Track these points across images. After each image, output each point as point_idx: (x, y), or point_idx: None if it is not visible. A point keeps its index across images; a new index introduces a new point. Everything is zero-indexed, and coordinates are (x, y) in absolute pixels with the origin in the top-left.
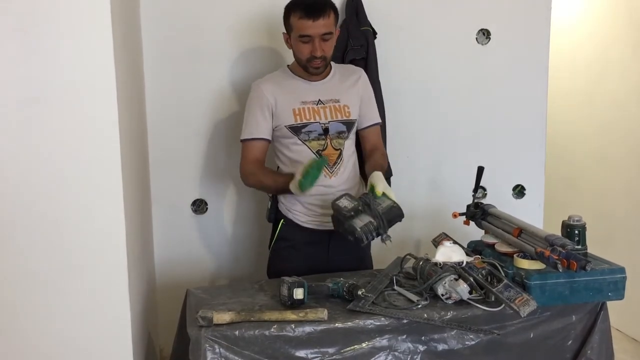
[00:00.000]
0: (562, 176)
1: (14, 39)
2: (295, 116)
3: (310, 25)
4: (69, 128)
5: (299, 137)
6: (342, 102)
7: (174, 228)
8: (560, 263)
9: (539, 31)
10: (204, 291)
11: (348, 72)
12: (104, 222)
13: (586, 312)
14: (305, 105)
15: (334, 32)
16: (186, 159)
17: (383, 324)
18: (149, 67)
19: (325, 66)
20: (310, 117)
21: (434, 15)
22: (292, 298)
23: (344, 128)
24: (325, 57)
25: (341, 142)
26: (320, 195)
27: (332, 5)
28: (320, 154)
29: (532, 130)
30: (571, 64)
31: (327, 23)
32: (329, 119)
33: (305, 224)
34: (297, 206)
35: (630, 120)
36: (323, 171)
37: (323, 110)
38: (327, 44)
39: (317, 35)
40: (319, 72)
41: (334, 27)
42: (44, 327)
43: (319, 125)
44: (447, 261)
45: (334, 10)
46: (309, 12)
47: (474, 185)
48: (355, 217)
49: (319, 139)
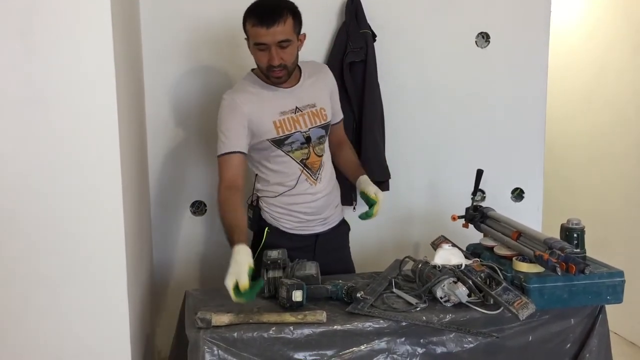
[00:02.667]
0: (561, 179)
1: (13, 40)
2: (277, 129)
3: (265, 33)
4: (69, 129)
5: (282, 149)
6: (317, 105)
7: (172, 229)
8: (559, 266)
9: (538, 34)
10: (202, 293)
11: (315, 70)
12: (103, 224)
13: (585, 315)
14: (284, 115)
15: (293, 39)
16: (185, 161)
17: (382, 326)
18: (149, 68)
19: (289, 74)
20: (292, 128)
21: (433, 18)
22: (291, 300)
23: (322, 132)
24: (285, 66)
25: (322, 147)
26: (305, 203)
27: (291, 10)
28: (304, 164)
29: (531, 133)
30: (570, 67)
31: (284, 30)
32: (309, 125)
33: (292, 230)
34: (282, 214)
35: (629, 123)
36: (308, 180)
37: (302, 117)
38: (285, 52)
39: (273, 43)
40: (282, 81)
41: (293, 33)
42: (42, 328)
43: (300, 135)
44: (446, 264)
45: (294, 15)
46: (262, 19)
47: (473, 188)
48: (271, 269)
49: (302, 149)
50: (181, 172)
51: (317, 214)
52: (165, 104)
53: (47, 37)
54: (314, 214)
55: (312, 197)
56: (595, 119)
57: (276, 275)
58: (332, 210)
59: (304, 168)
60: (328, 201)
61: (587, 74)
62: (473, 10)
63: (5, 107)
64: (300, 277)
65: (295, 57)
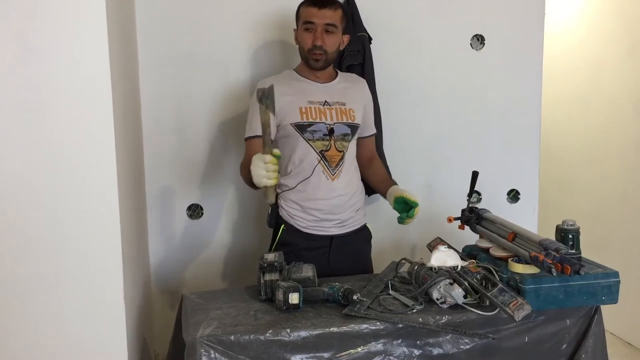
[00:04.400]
0: (557, 179)
1: (9, 44)
2: (302, 114)
3: (315, 12)
4: (65, 132)
5: (304, 136)
6: (347, 105)
7: (169, 233)
8: (555, 267)
9: (533, 36)
10: (199, 296)
11: (353, 80)
12: (99, 227)
13: (580, 316)
14: (312, 105)
15: (339, 29)
16: (181, 164)
17: (378, 328)
18: (144, 71)
19: (326, 61)
20: (317, 117)
21: (428, 20)
22: (288, 303)
23: (348, 131)
24: (325, 51)
25: (345, 144)
26: (321, 200)
27: (342, 6)
28: (323, 155)
29: (527, 135)
30: (566, 68)
31: (333, 15)
32: (335, 120)
33: (306, 229)
34: (299, 211)
35: (625, 124)
36: (324, 172)
37: (329, 111)
38: (329, 38)
39: (320, 25)
40: (319, 66)
41: (339, 23)
42: (38, 331)
43: (324, 126)
44: (442, 265)
45: (344, 11)
46: (316, 1)
47: (468, 189)
48: (267, 272)
49: (324, 139)
50: (177, 176)
51: (333, 214)
52: (161, 107)
53: (43, 42)
54: (329, 213)
55: (327, 194)
56: (591, 120)
57: (273, 277)
58: (351, 213)
59: (322, 159)
60: (346, 203)
61: (582, 75)
62: (468, 12)
63: (1, 110)
64: (296, 279)
65: (336, 48)
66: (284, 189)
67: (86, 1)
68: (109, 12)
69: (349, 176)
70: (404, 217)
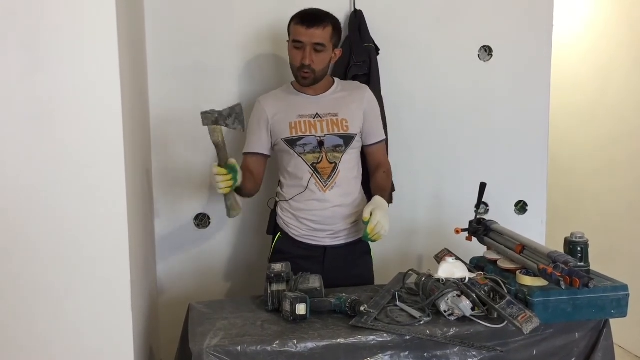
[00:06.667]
0: (565, 191)
1: (19, 55)
2: (291, 129)
3: (304, 32)
4: (74, 142)
5: (295, 150)
6: (340, 115)
7: (176, 242)
8: (563, 280)
9: (541, 47)
10: (206, 306)
11: (352, 87)
12: (107, 236)
13: (589, 329)
14: (302, 118)
15: (328, 47)
16: (189, 173)
17: (385, 340)
18: (153, 81)
19: (314, 79)
20: (306, 130)
21: (436, 31)
22: (295, 313)
23: (340, 142)
24: (314, 70)
25: (337, 155)
26: (314, 211)
27: (333, 21)
28: (315, 168)
29: (534, 146)
30: (573, 79)
31: (322, 34)
32: (325, 132)
33: (300, 238)
34: (292, 220)
35: (633, 134)
36: (317, 185)
37: (320, 123)
38: (318, 56)
39: (309, 44)
40: (307, 84)
41: (329, 41)
42: (45, 341)
43: (314, 138)
44: (450, 277)
45: (335, 27)
46: (304, 20)
47: (476, 201)
48: (274, 282)
49: (314, 152)
50: (185, 185)
51: (326, 225)
52: (169, 117)
53: (53, 52)
54: (321, 224)
55: (320, 205)
56: (599, 131)
57: (280, 288)
58: (346, 225)
59: (314, 172)
60: (339, 214)
61: (590, 86)
62: (475, 23)
63: (11, 121)
64: (304, 290)
65: (326, 65)
66: (281, 198)
67: (97, 13)
68: (119, 23)
69: (344, 187)
70: (365, 237)
